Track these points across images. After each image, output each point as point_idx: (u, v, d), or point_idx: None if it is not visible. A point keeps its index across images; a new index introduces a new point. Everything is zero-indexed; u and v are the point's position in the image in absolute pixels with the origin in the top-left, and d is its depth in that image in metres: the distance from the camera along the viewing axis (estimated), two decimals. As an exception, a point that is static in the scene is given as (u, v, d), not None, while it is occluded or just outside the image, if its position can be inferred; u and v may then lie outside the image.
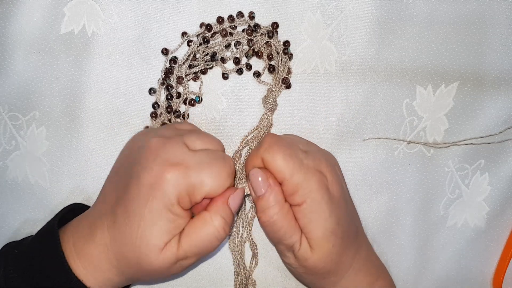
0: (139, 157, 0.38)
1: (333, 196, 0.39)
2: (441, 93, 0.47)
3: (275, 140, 0.39)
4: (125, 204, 0.37)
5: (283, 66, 0.45)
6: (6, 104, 0.45)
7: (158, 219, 0.36)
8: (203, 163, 0.37)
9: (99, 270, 0.38)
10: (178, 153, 0.37)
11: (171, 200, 0.36)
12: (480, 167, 0.48)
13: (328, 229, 0.38)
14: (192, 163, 0.37)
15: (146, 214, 0.36)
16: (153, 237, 0.36)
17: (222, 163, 0.38)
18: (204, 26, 0.45)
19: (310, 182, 0.38)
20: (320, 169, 0.39)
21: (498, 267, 0.49)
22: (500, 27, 0.47)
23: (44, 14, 0.45)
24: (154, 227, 0.36)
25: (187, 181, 0.36)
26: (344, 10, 0.46)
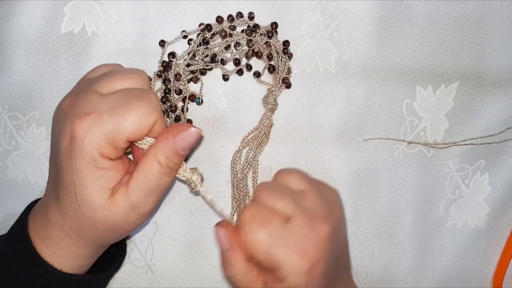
0: (56, 123, 0.36)
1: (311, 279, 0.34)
2: (441, 93, 0.47)
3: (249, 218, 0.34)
4: (60, 177, 0.35)
5: (283, 66, 0.45)
6: (6, 104, 0.45)
7: (88, 179, 0.34)
8: (116, 105, 0.34)
9: (62, 248, 0.37)
10: (88, 103, 0.34)
11: (91, 155, 0.33)
12: (480, 167, 0.48)
13: None
14: (104, 108, 0.33)
15: (76, 179, 0.34)
16: (93, 198, 0.34)
17: (139, 101, 0.34)
18: (203, 25, 0.45)
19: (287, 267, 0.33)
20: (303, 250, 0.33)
21: (498, 267, 0.49)
22: (500, 27, 0.47)
23: (44, 14, 0.45)
24: (88, 189, 0.34)
25: (102, 129, 0.33)
26: (344, 10, 0.46)
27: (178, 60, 0.45)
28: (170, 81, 0.45)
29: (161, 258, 0.47)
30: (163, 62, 0.45)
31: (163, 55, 0.45)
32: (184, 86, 0.45)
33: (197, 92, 0.46)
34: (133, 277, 0.47)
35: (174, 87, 0.45)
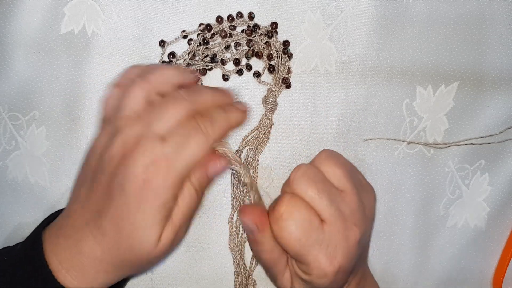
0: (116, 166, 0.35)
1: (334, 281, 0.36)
2: (441, 93, 0.47)
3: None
4: (112, 215, 0.35)
5: (283, 65, 0.45)
6: (6, 104, 0.45)
7: (153, 219, 0.35)
8: (179, 145, 0.35)
9: (91, 278, 0.36)
10: (153, 150, 0.35)
11: (166, 198, 0.34)
12: (481, 167, 0.48)
13: None
14: (171, 153, 0.35)
15: (138, 220, 0.34)
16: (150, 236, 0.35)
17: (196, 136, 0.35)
18: (203, 25, 0.45)
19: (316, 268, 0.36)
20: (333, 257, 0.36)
21: (498, 267, 0.49)
22: (500, 27, 0.47)
23: (44, 14, 0.45)
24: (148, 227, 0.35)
25: (175, 174, 0.34)
26: (344, 10, 0.46)
27: (178, 60, 0.45)
28: None
29: (164, 259, 0.47)
30: (163, 62, 0.45)
31: (163, 55, 0.45)
32: None
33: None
34: (133, 277, 0.46)
35: None
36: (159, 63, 0.45)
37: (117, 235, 0.35)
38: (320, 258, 0.35)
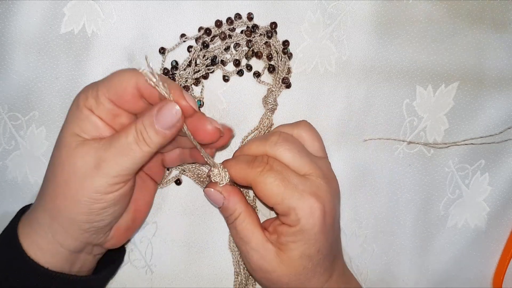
0: None
1: (324, 225, 0.38)
2: (441, 93, 0.47)
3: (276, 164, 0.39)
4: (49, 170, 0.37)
5: (282, 65, 0.45)
6: (6, 104, 0.45)
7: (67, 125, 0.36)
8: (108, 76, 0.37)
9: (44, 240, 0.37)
10: None
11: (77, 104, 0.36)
12: (481, 167, 0.48)
13: (306, 253, 0.38)
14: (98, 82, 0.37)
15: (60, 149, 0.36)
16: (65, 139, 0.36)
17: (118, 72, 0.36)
18: (203, 30, 0.45)
19: (302, 209, 0.37)
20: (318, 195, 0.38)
21: (498, 267, 0.49)
22: (500, 27, 0.47)
23: (44, 14, 0.45)
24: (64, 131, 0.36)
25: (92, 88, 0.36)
26: (344, 10, 0.46)
27: (180, 71, 0.45)
28: None
29: (160, 258, 0.47)
30: (164, 69, 0.45)
31: (164, 62, 0.45)
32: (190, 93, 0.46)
33: (197, 94, 0.46)
34: (133, 277, 0.46)
35: None
36: (160, 71, 0.45)
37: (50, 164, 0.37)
38: (306, 197, 0.37)
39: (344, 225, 0.48)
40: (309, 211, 0.37)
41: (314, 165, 0.39)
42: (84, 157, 0.35)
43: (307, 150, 0.40)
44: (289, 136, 0.40)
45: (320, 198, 0.37)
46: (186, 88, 0.45)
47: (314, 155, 0.40)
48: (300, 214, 0.37)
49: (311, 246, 0.38)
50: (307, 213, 0.37)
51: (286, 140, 0.39)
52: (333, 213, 0.39)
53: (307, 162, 0.39)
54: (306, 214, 0.37)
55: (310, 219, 0.37)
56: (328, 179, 0.39)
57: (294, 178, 0.37)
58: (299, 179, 0.38)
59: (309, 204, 0.37)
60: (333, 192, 0.39)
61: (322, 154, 0.42)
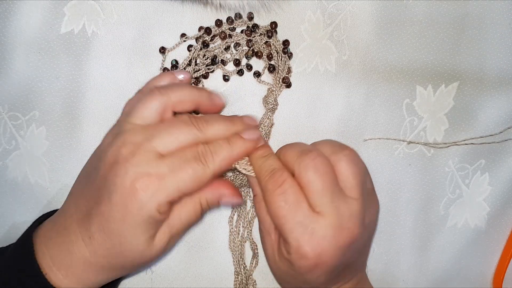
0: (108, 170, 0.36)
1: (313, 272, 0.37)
2: (441, 93, 0.47)
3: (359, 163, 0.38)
4: (99, 221, 0.36)
5: (283, 65, 0.45)
6: (6, 104, 0.45)
7: (139, 231, 0.35)
8: (175, 168, 0.35)
9: (82, 278, 0.37)
10: (148, 164, 0.35)
11: (151, 214, 0.35)
12: (481, 167, 0.48)
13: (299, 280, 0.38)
14: (165, 171, 0.35)
15: (124, 231, 0.35)
16: (138, 245, 0.36)
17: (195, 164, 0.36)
18: (203, 29, 0.45)
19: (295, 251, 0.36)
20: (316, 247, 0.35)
21: (498, 267, 0.49)
22: (500, 27, 0.47)
23: (44, 14, 0.45)
24: (135, 238, 0.35)
25: (165, 192, 0.35)
26: (344, 10, 0.46)
27: (180, 69, 0.45)
28: None
29: (161, 258, 0.47)
30: (164, 69, 0.45)
31: (164, 62, 0.45)
32: None
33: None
34: (133, 277, 0.46)
35: None
36: (160, 70, 0.45)
37: (104, 241, 0.36)
38: (301, 240, 0.35)
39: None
40: (301, 256, 0.36)
41: (333, 209, 0.35)
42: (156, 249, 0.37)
43: (335, 185, 0.36)
44: (323, 163, 0.36)
45: (318, 249, 0.35)
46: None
47: (342, 194, 0.36)
48: (292, 250, 0.36)
49: (300, 278, 0.37)
50: (299, 256, 0.36)
51: (316, 168, 0.36)
52: (334, 263, 0.36)
53: (326, 202, 0.35)
54: (297, 256, 0.36)
55: (300, 261, 0.36)
56: (343, 230, 0.35)
57: (302, 215, 0.35)
58: (308, 218, 0.35)
59: (303, 250, 0.35)
60: (342, 243, 0.36)
61: (354, 194, 0.37)
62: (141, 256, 0.36)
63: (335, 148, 0.38)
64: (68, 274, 0.37)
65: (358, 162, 0.38)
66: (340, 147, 0.38)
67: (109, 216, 0.35)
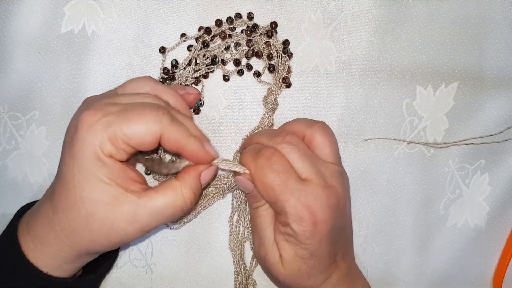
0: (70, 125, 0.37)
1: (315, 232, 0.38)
2: (441, 93, 0.47)
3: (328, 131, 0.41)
4: (59, 170, 0.36)
5: (283, 65, 0.45)
6: (6, 104, 0.45)
7: (90, 173, 0.34)
8: (126, 109, 0.35)
9: (46, 243, 0.36)
10: (102, 101, 0.35)
11: (93, 149, 0.34)
12: (481, 167, 0.48)
13: (299, 255, 0.38)
14: (114, 110, 0.34)
15: (76, 173, 0.34)
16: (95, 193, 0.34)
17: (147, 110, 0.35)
18: (203, 29, 0.45)
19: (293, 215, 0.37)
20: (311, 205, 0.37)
21: (498, 267, 0.49)
22: (500, 27, 0.47)
23: (44, 14, 0.45)
24: (90, 182, 0.34)
25: (105, 128, 0.34)
26: (344, 9, 0.46)
27: (180, 70, 0.45)
28: None
29: (161, 257, 0.47)
30: (164, 68, 0.45)
31: (164, 62, 0.45)
32: None
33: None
34: (133, 277, 0.46)
35: None
36: (160, 70, 0.45)
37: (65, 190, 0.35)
38: (297, 204, 0.37)
39: (344, 225, 0.48)
40: (299, 219, 0.37)
41: (316, 170, 0.38)
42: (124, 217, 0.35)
43: (312, 154, 0.39)
44: (294, 137, 0.39)
45: (312, 208, 0.37)
46: (186, 87, 0.45)
47: (320, 159, 0.39)
48: (290, 219, 0.37)
49: (302, 249, 0.38)
50: (297, 220, 0.37)
51: (290, 141, 0.39)
52: (328, 222, 0.38)
53: (309, 166, 0.38)
54: (296, 220, 0.37)
55: (300, 226, 0.37)
56: (329, 188, 0.38)
57: (293, 182, 0.37)
58: (297, 184, 0.37)
59: (300, 213, 0.37)
60: (331, 201, 0.38)
61: (332, 159, 0.40)
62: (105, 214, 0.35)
63: (308, 123, 0.41)
64: (34, 240, 0.37)
65: (330, 132, 0.41)
66: (312, 122, 0.41)
67: (64, 160, 0.35)
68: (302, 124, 0.41)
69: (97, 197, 0.34)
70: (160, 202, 0.36)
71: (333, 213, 0.38)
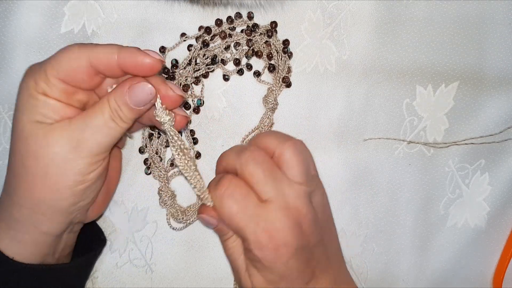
0: None
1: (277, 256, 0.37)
2: (441, 93, 0.47)
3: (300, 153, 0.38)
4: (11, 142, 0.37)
5: (283, 65, 0.45)
6: (6, 104, 0.45)
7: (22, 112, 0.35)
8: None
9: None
10: None
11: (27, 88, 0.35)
12: (481, 166, 0.48)
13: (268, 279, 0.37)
14: None
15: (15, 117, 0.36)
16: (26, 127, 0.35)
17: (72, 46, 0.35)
18: (203, 29, 0.45)
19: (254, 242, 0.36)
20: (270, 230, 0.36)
21: (498, 267, 0.49)
22: (500, 27, 0.47)
23: (44, 13, 0.45)
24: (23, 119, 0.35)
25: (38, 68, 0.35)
26: (345, 9, 0.46)
27: (180, 69, 0.45)
28: None
29: (161, 257, 0.47)
30: (164, 68, 0.45)
31: (164, 62, 0.45)
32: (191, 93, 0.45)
33: (197, 93, 0.46)
34: (133, 276, 0.46)
35: None
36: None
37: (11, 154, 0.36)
38: (256, 230, 0.36)
39: (344, 225, 0.48)
40: (260, 245, 0.36)
41: (278, 192, 0.36)
42: (60, 142, 0.34)
43: (278, 173, 0.37)
44: (261, 154, 0.38)
45: (271, 233, 0.36)
46: (186, 87, 0.45)
47: (285, 179, 0.37)
48: (252, 245, 0.36)
49: (270, 274, 0.37)
50: (258, 246, 0.36)
51: (256, 160, 0.37)
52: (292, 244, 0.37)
53: (271, 187, 0.36)
54: (257, 246, 0.36)
55: (261, 251, 0.36)
56: (290, 210, 0.36)
57: (251, 208, 0.36)
58: (256, 209, 0.36)
59: (259, 238, 0.36)
60: (292, 223, 0.36)
61: (300, 179, 0.37)
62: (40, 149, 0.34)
63: (280, 139, 0.39)
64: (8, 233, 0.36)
65: (302, 151, 0.38)
66: (284, 138, 0.39)
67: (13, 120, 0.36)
68: (273, 139, 0.39)
69: (28, 130, 0.35)
70: (88, 117, 0.35)
71: (296, 235, 0.36)
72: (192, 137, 0.46)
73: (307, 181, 0.38)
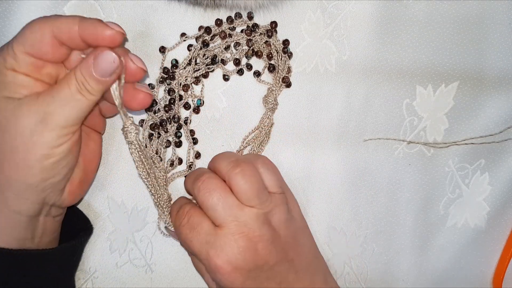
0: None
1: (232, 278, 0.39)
2: (441, 93, 0.47)
3: None
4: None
5: (283, 65, 0.45)
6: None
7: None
8: None
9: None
10: None
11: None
12: (480, 166, 0.48)
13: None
14: None
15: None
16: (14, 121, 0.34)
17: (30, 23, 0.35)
18: (203, 29, 0.45)
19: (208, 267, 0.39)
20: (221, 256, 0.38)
21: (498, 267, 0.49)
22: (500, 27, 0.47)
23: (44, 13, 0.44)
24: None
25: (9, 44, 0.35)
26: (345, 9, 0.46)
27: (180, 69, 0.45)
28: (174, 91, 0.45)
29: (161, 257, 0.47)
30: (164, 68, 0.45)
31: (164, 62, 0.45)
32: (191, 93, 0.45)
33: (197, 93, 0.46)
34: (133, 276, 0.46)
35: (178, 96, 0.45)
36: (160, 69, 0.45)
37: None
38: (208, 257, 0.38)
39: (344, 225, 0.48)
40: (214, 270, 0.38)
41: (229, 218, 0.38)
42: (27, 116, 0.34)
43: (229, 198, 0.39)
44: (213, 181, 0.39)
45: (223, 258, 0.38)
46: (186, 86, 0.45)
47: (237, 204, 0.39)
48: (208, 269, 0.39)
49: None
50: (213, 270, 0.38)
51: (208, 187, 0.39)
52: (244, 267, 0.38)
53: (223, 214, 0.38)
54: (212, 271, 0.39)
55: (216, 276, 0.39)
56: (241, 234, 0.38)
57: (204, 236, 0.39)
58: (208, 236, 0.38)
59: (212, 264, 0.38)
60: (244, 247, 0.38)
61: (252, 203, 0.39)
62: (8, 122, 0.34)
63: (231, 165, 0.40)
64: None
65: (252, 175, 0.39)
66: (235, 164, 0.40)
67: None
68: (224, 165, 0.40)
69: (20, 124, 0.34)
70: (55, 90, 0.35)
71: (249, 257, 0.38)
72: (192, 137, 0.46)
73: (259, 203, 0.39)
